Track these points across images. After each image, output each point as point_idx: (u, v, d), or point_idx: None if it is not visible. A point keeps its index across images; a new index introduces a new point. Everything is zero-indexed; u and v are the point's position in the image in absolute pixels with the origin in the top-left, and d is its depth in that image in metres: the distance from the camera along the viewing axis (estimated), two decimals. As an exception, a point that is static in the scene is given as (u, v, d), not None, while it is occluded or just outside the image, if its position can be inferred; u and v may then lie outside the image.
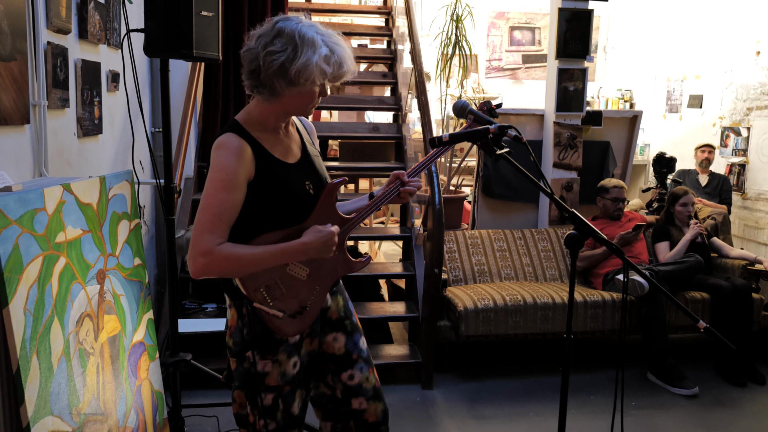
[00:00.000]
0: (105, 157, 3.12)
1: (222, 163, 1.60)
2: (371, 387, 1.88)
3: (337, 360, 1.86)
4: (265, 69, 1.59)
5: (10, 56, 2.11)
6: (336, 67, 1.61)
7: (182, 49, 2.36)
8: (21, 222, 1.76)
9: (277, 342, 1.72)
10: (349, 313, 1.92)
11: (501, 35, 7.88)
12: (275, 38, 1.59)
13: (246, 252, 1.58)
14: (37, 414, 1.73)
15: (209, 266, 1.55)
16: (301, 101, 1.65)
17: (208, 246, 1.54)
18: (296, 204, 1.69)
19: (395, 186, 1.82)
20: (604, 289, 3.93)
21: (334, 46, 1.61)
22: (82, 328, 2.02)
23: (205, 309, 3.54)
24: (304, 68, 1.57)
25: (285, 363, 1.73)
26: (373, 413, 1.88)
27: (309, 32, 1.59)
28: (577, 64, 4.47)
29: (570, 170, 4.58)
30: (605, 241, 1.66)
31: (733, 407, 3.37)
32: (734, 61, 5.96)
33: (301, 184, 1.72)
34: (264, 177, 1.65)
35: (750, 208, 5.70)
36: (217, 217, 1.56)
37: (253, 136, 1.66)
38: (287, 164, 1.71)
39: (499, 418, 3.19)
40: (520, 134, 1.70)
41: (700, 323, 1.64)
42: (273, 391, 1.73)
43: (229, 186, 1.58)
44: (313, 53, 1.57)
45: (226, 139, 1.63)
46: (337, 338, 1.87)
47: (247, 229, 1.63)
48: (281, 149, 1.72)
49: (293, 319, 1.70)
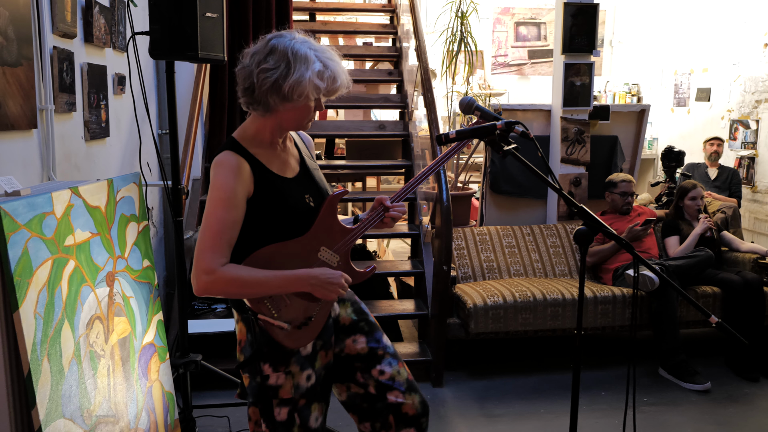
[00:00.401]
0: (112, 160, 3.13)
1: (220, 182, 1.61)
2: (404, 380, 1.86)
3: (362, 358, 1.85)
4: (259, 86, 1.61)
5: (17, 62, 2.12)
6: (329, 82, 1.62)
7: (187, 50, 2.37)
8: (30, 226, 1.77)
9: (289, 353, 1.71)
10: (362, 315, 1.91)
11: (506, 31, 7.85)
12: (268, 55, 1.60)
13: (250, 276, 1.59)
14: (48, 417, 1.73)
15: (212, 285, 1.57)
16: (297, 116, 1.67)
17: (211, 265, 1.56)
18: (297, 217, 1.70)
19: (379, 212, 1.81)
20: (614, 284, 3.91)
21: (327, 61, 1.62)
22: (93, 330, 2.03)
23: (214, 309, 3.55)
24: (297, 84, 1.58)
25: (298, 375, 1.72)
26: (412, 406, 1.85)
27: (302, 48, 1.61)
28: (583, 59, 4.45)
29: (578, 165, 4.56)
30: (614, 236, 1.65)
31: (746, 403, 3.34)
32: (742, 54, 5.91)
33: (300, 198, 1.72)
34: (263, 193, 1.66)
35: (760, 201, 5.66)
36: (218, 235, 1.59)
37: (250, 152, 1.67)
38: (286, 179, 1.72)
39: (509, 416, 3.18)
40: (528, 130, 1.69)
41: (712, 318, 1.63)
42: (288, 404, 1.72)
43: (228, 204, 1.60)
44: (306, 69, 1.59)
45: (223, 157, 1.64)
46: (357, 339, 1.86)
47: (248, 244, 1.65)
48: (279, 164, 1.73)
49: (299, 330, 1.70)
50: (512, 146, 1.72)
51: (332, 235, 1.73)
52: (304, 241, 1.69)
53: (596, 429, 3.04)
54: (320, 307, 1.74)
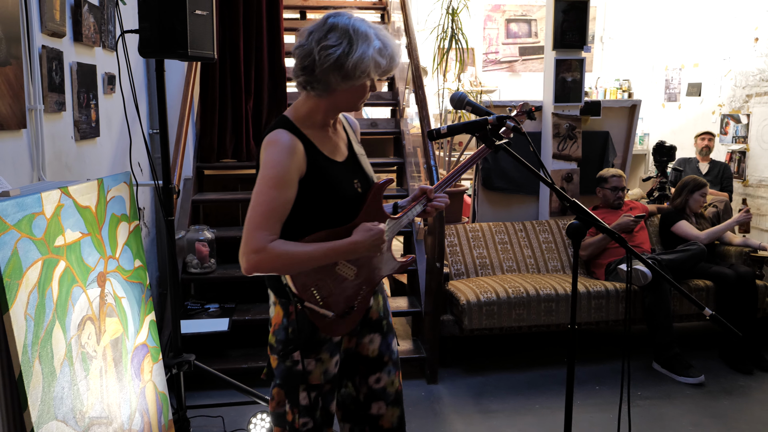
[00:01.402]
0: (103, 160, 3.11)
1: (274, 160, 1.58)
2: (394, 391, 1.88)
3: (368, 362, 1.86)
4: (320, 64, 1.58)
5: (5, 61, 2.10)
6: (389, 60, 1.61)
7: (177, 48, 2.35)
8: (19, 227, 1.75)
9: (321, 341, 1.72)
10: (387, 314, 1.91)
11: (497, 28, 7.86)
12: (329, 33, 1.58)
13: (297, 250, 1.57)
14: (41, 419, 1.72)
15: (261, 263, 1.55)
16: (353, 96, 1.65)
17: (260, 243, 1.54)
18: (346, 203, 1.69)
19: (421, 201, 1.81)
20: (606, 279, 3.92)
21: (385, 40, 1.61)
22: (84, 331, 2.01)
23: (207, 310, 3.53)
24: (360, 61, 1.56)
25: (328, 362, 1.74)
26: (389, 419, 1.87)
27: (362, 26, 1.60)
28: (574, 55, 4.46)
29: (570, 161, 4.57)
30: (607, 230, 1.65)
31: (740, 395, 3.36)
32: (732, 48, 5.94)
33: (349, 183, 1.71)
34: (314, 175, 1.63)
35: (751, 195, 5.68)
36: (268, 214, 1.56)
37: (303, 132, 1.64)
38: (336, 162, 1.70)
39: (504, 412, 3.18)
40: (519, 124, 1.69)
41: (706, 311, 1.63)
42: (315, 389, 1.73)
43: (281, 183, 1.57)
44: (368, 46, 1.57)
45: (277, 135, 1.61)
46: (373, 340, 1.86)
47: (296, 227, 1.63)
48: (330, 147, 1.71)
49: (341, 319, 1.70)
50: (504, 141, 1.72)
51: (379, 222, 1.72)
52: (351, 228, 1.67)
53: (591, 423, 3.04)
54: (362, 297, 1.74)
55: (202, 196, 4.14)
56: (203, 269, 3.62)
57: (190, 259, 3.62)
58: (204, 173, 4.47)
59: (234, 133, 4.34)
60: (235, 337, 3.57)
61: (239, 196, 4.31)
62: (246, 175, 4.82)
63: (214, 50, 2.57)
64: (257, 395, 2.78)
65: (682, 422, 3.07)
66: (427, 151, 3.74)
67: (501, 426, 3.04)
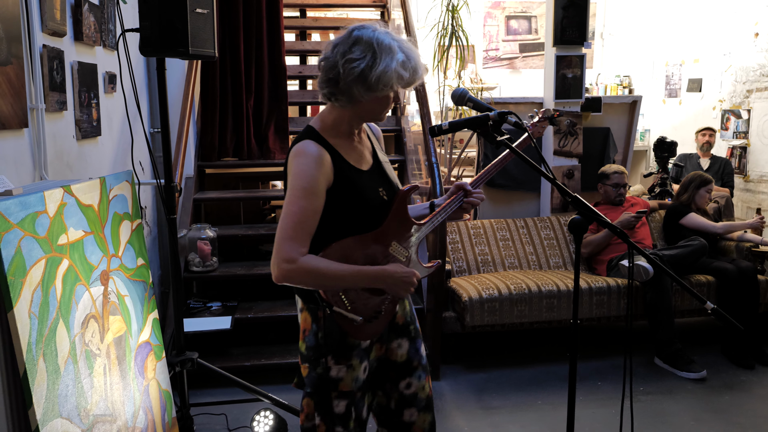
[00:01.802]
0: (104, 159, 3.12)
1: (302, 171, 1.62)
2: (425, 397, 1.90)
3: (397, 368, 1.87)
4: (344, 77, 1.61)
5: (6, 60, 2.11)
6: (411, 73, 1.64)
7: (178, 47, 2.35)
8: (23, 225, 1.75)
9: (351, 347, 1.73)
10: (413, 318, 1.93)
11: (497, 25, 7.85)
12: (353, 46, 1.61)
13: (328, 269, 1.60)
14: (45, 416, 1.72)
15: (291, 274, 1.58)
16: (377, 107, 1.68)
17: (292, 254, 1.58)
18: (371, 211, 1.71)
19: (458, 197, 1.84)
20: (608, 275, 3.92)
21: (409, 52, 1.64)
22: (88, 329, 2.02)
23: (209, 308, 3.54)
24: (384, 74, 1.59)
25: (358, 368, 1.74)
26: (421, 426, 1.89)
27: (386, 39, 1.62)
28: (574, 51, 4.45)
29: (571, 157, 4.57)
30: (609, 224, 1.65)
31: (742, 390, 3.36)
32: (733, 44, 5.93)
33: (375, 192, 1.74)
34: (341, 184, 1.67)
35: (752, 191, 5.68)
36: (299, 225, 1.60)
37: (329, 142, 1.68)
38: (361, 171, 1.73)
39: (507, 408, 3.19)
40: (521, 120, 1.69)
41: (707, 304, 1.64)
42: (346, 397, 1.74)
43: (309, 193, 1.61)
44: (392, 59, 1.60)
45: (305, 146, 1.65)
46: (401, 344, 1.88)
47: (324, 234, 1.65)
48: (355, 156, 1.74)
49: (369, 324, 1.72)
50: (506, 137, 1.72)
51: (404, 229, 1.76)
52: (377, 235, 1.70)
53: (594, 419, 3.05)
54: (388, 302, 1.76)
55: (204, 194, 4.15)
56: (205, 268, 3.62)
57: (192, 258, 3.63)
58: (205, 172, 4.48)
59: (235, 132, 4.34)
60: (238, 336, 3.58)
61: (240, 195, 4.31)
62: (247, 174, 4.83)
63: (215, 48, 2.57)
64: (260, 393, 2.79)
65: (684, 417, 3.08)
66: (428, 149, 3.74)
67: (503, 422, 3.04)
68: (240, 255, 4.06)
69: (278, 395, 2.82)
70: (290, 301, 3.72)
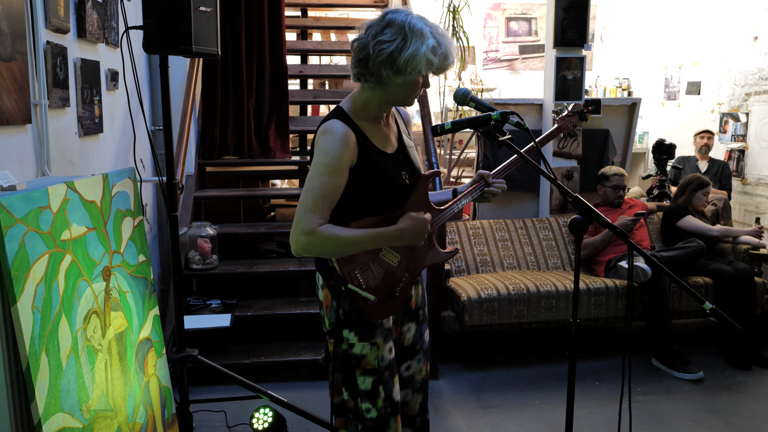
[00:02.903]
0: (106, 156, 3.13)
1: (328, 148, 1.66)
2: (421, 379, 1.95)
3: (402, 351, 1.92)
4: (374, 57, 1.64)
5: (11, 56, 2.12)
6: (441, 59, 1.66)
7: (181, 45, 2.36)
8: (26, 220, 1.76)
9: (374, 325, 1.76)
10: (423, 304, 1.97)
11: (497, 26, 7.87)
12: (385, 28, 1.64)
13: (345, 234, 1.64)
14: (47, 411, 1.73)
15: (310, 245, 1.62)
16: (405, 91, 1.70)
17: (310, 226, 1.61)
18: (393, 193, 1.75)
19: (479, 186, 1.88)
20: (606, 276, 3.94)
21: (440, 38, 1.65)
22: (90, 325, 2.03)
23: (209, 305, 3.55)
24: (412, 58, 1.61)
25: (382, 347, 1.77)
26: (413, 406, 1.95)
27: (418, 24, 1.64)
28: (574, 53, 4.47)
29: (570, 159, 4.59)
30: (609, 224, 1.67)
31: (738, 391, 3.38)
32: (732, 47, 5.96)
33: (398, 174, 1.77)
34: (364, 165, 1.70)
35: (750, 194, 5.71)
36: (320, 198, 1.63)
37: (356, 123, 1.71)
38: (386, 154, 1.76)
39: (505, 407, 3.20)
40: (522, 120, 1.71)
41: (706, 304, 1.65)
42: (372, 374, 1.77)
43: (333, 170, 1.65)
44: (422, 44, 1.62)
45: (332, 125, 1.68)
46: (410, 328, 1.93)
47: (345, 213, 1.69)
48: (381, 138, 1.77)
49: (383, 304, 1.75)
50: (507, 137, 1.73)
51: (423, 213, 1.78)
52: (396, 216, 1.73)
53: (591, 419, 3.06)
54: (403, 284, 1.80)
55: (204, 192, 4.16)
56: (205, 265, 3.63)
57: (192, 256, 3.64)
58: (206, 170, 4.49)
59: (235, 130, 4.35)
60: (237, 333, 3.59)
61: (241, 193, 4.32)
62: (247, 172, 4.84)
63: (218, 46, 2.58)
64: (260, 390, 2.80)
65: (681, 418, 3.09)
66: (428, 149, 3.75)
67: (501, 421, 3.06)
68: (240, 253, 4.07)
69: (277, 393, 2.83)
70: (290, 299, 3.73)
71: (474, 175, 1.91)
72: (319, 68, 5.59)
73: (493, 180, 1.89)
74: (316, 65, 5.93)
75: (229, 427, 2.94)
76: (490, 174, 1.89)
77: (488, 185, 1.89)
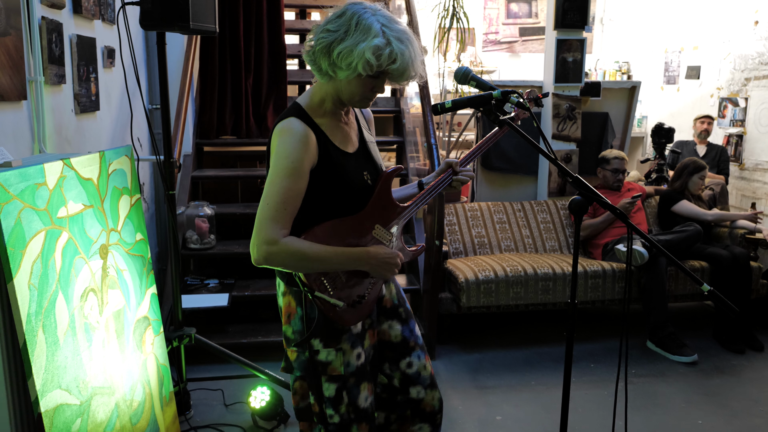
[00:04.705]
0: (103, 135, 3.11)
1: (287, 150, 1.57)
2: (428, 375, 1.89)
3: (394, 347, 1.86)
4: (314, 46, 1.59)
5: (5, 31, 2.09)
6: (385, 60, 1.54)
7: (179, 21, 2.34)
8: (22, 197, 1.75)
9: (340, 331, 1.70)
10: (402, 301, 1.90)
11: (498, 8, 7.81)
12: (338, 18, 1.58)
13: (311, 251, 1.56)
14: (45, 387, 1.73)
15: (273, 256, 1.54)
16: (353, 89, 1.61)
17: (273, 236, 1.53)
18: (354, 194, 1.67)
19: (447, 175, 1.80)
20: (603, 259, 3.95)
21: (393, 40, 1.54)
22: (87, 302, 2.02)
23: (207, 285, 3.55)
24: (348, 53, 1.53)
25: (349, 353, 1.71)
26: (430, 402, 1.88)
27: (370, 20, 1.54)
28: (575, 35, 4.44)
29: (569, 142, 4.57)
30: (609, 205, 1.66)
31: (732, 374, 3.40)
32: (732, 31, 5.92)
33: (359, 175, 1.69)
34: (325, 166, 1.62)
35: (747, 179, 5.71)
36: (281, 205, 1.54)
37: (315, 122, 1.64)
38: (347, 153, 1.69)
39: (501, 388, 3.22)
40: (524, 99, 1.69)
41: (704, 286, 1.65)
42: (337, 381, 1.70)
43: (294, 174, 1.56)
44: (363, 40, 1.52)
45: (290, 124, 1.60)
46: (392, 326, 1.86)
47: (304, 217, 1.61)
48: (341, 137, 1.69)
49: (352, 309, 1.69)
50: (508, 116, 1.72)
51: (387, 212, 1.72)
52: (360, 218, 1.67)
53: (586, 400, 3.09)
54: (371, 287, 1.74)
55: (202, 172, 4.14)
56: (203, 245, 3.63)
57: (190, 235, 3.63)
58: (203, 150, 4.47)
59: (233, 110, 4.32)
60: (234, 313, 3.59)
61: (238, 173, 4.30)
62: (245, 152, 4.81)
63: (215, 23, 2.55)
64: (258, 369, 2.81)
65: (676, 399, 3.12)
66: (427, 130, 3.74)
67: (497, 402, 3.08)
68: (237, 233, 4.07)
69: (275, 372, 2.84)
70: (287, 280, 3.73)
71: (441, 164, 1.82)
72: (318, 48, 5.53)
73: (460, 168, 1.81)
74: (314, 45, 5.86)
75: (226, 406, 2.95)
76: (458, 162, 1.81)
77: (456, 173, 1.80)
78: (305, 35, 5.64)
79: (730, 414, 2.98)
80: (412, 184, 1.89)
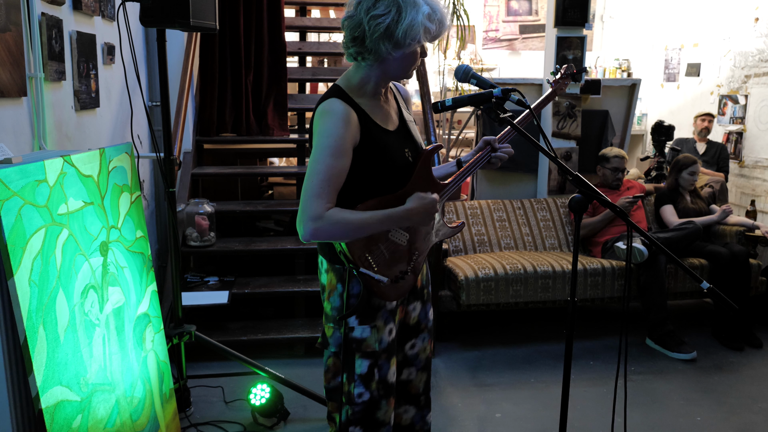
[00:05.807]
0: (103, 131, 3.10)
1: (329, 129, 1.61)
2: (425, 357, 1.94)
3: (407, 329, 1.90)
4: (370, 34, 1.59)
5: (5, 27, 2.09)
6: (438, 25, 1.61)
7: (179, 18, 2.33)
8: (22, 193, 1.75)
9: (376, 308, 1.74)
10: (428, 282, 1.95)
11: (498, 5, 7.80)
12: (377, 2, 1.58)
13: (354, 217, 1.60)
14: (45, 384, 1.74)
15: (319, 230, 1.57)
16: (404, 63, 1.65)
17: (318, 211, 1.56)
18: (397, 171, 1.71)
19: (486, 152, 1.83)
20: (603, 257, 3.95)
21: (433, 4, 1.61)
22: (87, 299, 2.02)
23: (206, 282, 3.55)
24: (410, 28, 1.57)
25: (382, 329, 1.76)
26: (417, 385, 1.94)
27: None
28: (575, 32, 4.43)
29: (569, 140, 4.57)
30: (609, 203, 1.67)
31: (731, 371, 3.41)
32: (732, 29, 5.91)
33: (401, 152, 1.73)
34: (367, 144, 1.66)
35: (747, 176, 5.71)
36: (325, 182, 1.58)
37: (356, 101, 1.66)
38: (388, 131, 1.72)
39: (500, 386, 3.23)
40: (524, 98, 1.69)
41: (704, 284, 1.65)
42: (370, 357, 1.75)
43: (337, 152, 1.60)
44: (417, 12, 1.57)
45: (331, 105, 1.63)
46: (416, 307, 1.91)
47: (348, 194, 1.65)
48: (381, 116, 1.72)
49: (395, 284, 1.74)
50: (508, 114, 1.72)
51: (428, 189, 1.75)
52: (401, 195, 1.70)
53: (586, 398, 3.09)
54: (414, 263, 1.78)
55: (202, 170, 4.14)
56: (203, 242, 3.63)
57: (190, 233, 3.63)
58: (203, 147, 4.46)
59: (234, 108, 4.32)
60: (234, 311, 3.59)
61: (238, 171, 4.30)
62: (245, 150, 4.81)
63: (215, 20, 2.55)
64: (258, 366, 2.81)
65: (674, 397, 3.12)
66: (427, 128, 3.74)
67: (496, 399, 3.08)
68: (237, 231, 4.07)
69: (275, 369, 2.84)
70: (287, 277, 3.74)
71: (479, 142, 1.87)
72: (318, 45, 5.54)
73: (499, 145, 1.84)
74: (314, 42, 5.87)
75: (226, 403, 2.96)
76: (496, 139, 1.84)
77: (495, 150, 1.83)
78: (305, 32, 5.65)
79: (728, 411, 2.99)
80: (450, 163, 1.93)
